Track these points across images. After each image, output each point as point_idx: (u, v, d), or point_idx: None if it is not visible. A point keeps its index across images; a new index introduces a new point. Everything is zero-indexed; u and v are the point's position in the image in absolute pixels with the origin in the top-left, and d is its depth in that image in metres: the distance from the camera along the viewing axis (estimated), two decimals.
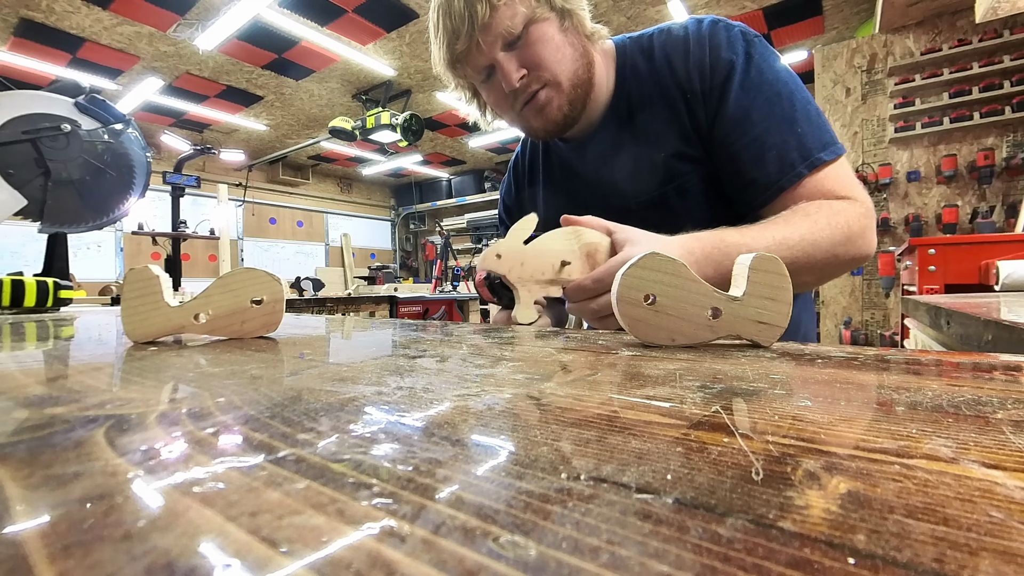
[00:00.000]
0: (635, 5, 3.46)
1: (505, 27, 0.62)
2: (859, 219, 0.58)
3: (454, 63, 0.68)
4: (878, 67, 3.14)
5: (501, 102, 0.70)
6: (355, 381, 0.24)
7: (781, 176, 0.60)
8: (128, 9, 3.36)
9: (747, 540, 0.09)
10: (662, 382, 0.22)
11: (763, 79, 0.62)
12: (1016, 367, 0.25)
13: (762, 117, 0.61)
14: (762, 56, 0.63)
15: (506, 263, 0.54)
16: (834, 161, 0.60)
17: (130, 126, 1.16)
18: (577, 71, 0.67)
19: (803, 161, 0.60)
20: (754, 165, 0.62)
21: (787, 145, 0.60)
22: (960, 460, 0.13)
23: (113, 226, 4.95)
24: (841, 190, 0.60)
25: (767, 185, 0.61)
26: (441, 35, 0.66)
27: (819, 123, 0.62)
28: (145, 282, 0.40)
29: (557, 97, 0.67)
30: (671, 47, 0.68)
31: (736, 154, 0.63)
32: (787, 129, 0.61)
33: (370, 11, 3.50)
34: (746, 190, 0.64)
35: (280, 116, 5.46)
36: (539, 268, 0.54)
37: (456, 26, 0.63)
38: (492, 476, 0.12)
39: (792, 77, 0.63)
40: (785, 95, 0.62)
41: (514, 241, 0.54)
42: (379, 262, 8.43)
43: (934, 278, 1.93)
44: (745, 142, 0.62)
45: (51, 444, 0.15)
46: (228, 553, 0.09)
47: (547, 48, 0.64)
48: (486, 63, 0.66)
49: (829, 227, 0.56)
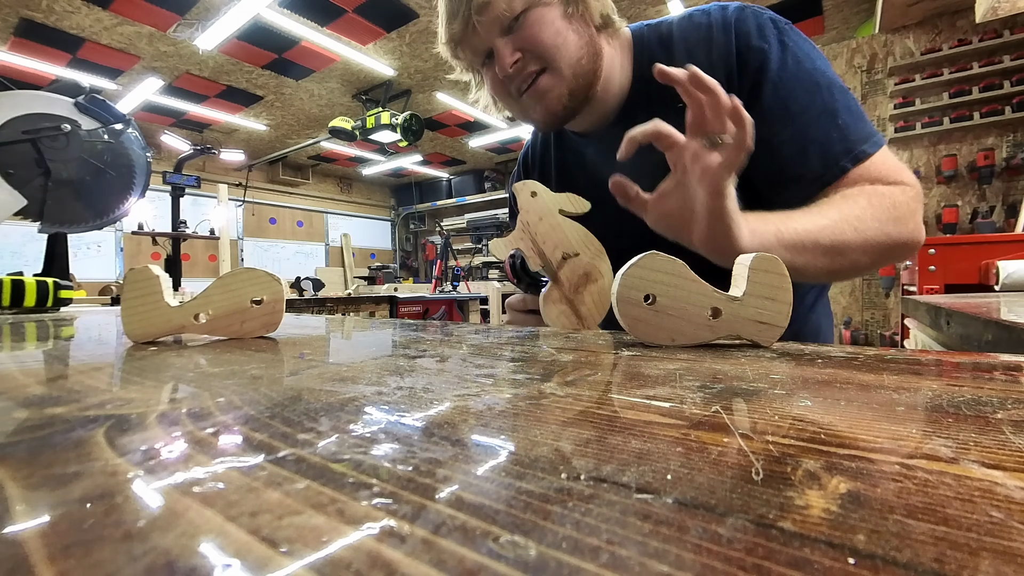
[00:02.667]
0: (635, 5, 3.46)
1: (502, 9, 0.60)
2: (908, 202, 0.56)
3: (453, 44, 0.67)
4: (878, 67, 3.14)
5: (499, 88, 0.68)
6: (355, 381, 0.24)
7: (825, 171, 0.58)
8: (128, 9, 3.36)
9: (747, 540, 0.09)
10: (662, 382, 0.22)
11: (800, 68, 0.59)
12: (1016, 367, 0.25)
13: (802, 110, 0.58)
14: (797, 44, 0.60)
15: (532, 204, 0.54)
16: (877, 153, 0.58)
17: (130, 126, 1.16)
18: (580, 60, 0.64)
19: (847, 155, 0.57)
20: (796, 161, 0.59)
21: (830, 139, 0.57)
22: (960, 460, 0.13)
23: (113, 226, 4.95)
24: (888, 176, 0.57)
25: (811, 181, 0.59)
26: (442, 14, 0.65)
27: (859, 113, 0.59)
28: (145, 282, 0.40)
29: (557, 85, 0.64)
30: (692, 37, 0.64)
31: (775, 149, 0.60)
32: (828, 122, 0.57)
33: (370, 11, 3.50)
34: (787, 187, 0.61)
35: (280, 116, 5.45)
36: (545, 237, 0.53)
37: (454, 6, 0.62)
38: (492, 476, 0.12)
39: (828, 66, 0.60)
40: (824, 85, 0.58)
41: (554, 201, 0.54)
42: (379, 262, 8.42)
43: (934, 278, 1.93)
44: (785, 137, 0.59)
45: (51, 444, 0.15)
46: (228, 553, 0.09)
47: (545, 31, 0.62)
48: (484, 47, 0.64)
49: (874, 207, 0.54)
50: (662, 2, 3.42)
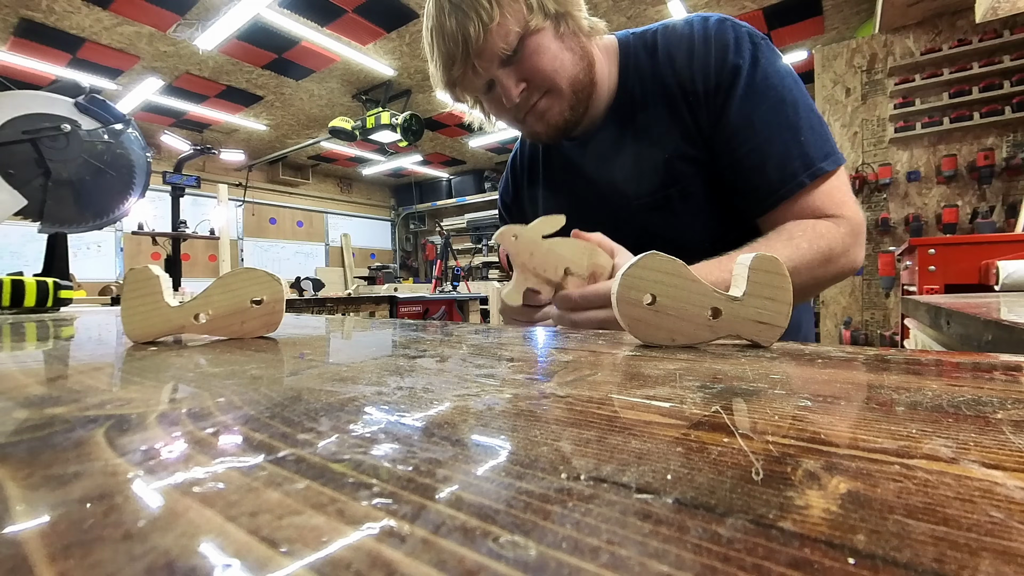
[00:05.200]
0: (635, 5, 3.46)
1: (500, 47, 0.62)
2: (842, 239, 0.59)
3: (452, 86, 0.68)
4: (878, 67, 3.14)
5: (503, 112, 0.70)
6: (355, 381, 0.24)
7: (782, 185, 0.60)
8: (128, 9, 3.36)
9: (747, 540, 0.09)
10: (662, 382, 0.22)
11: (768, 84, 0.62)
12: (1016, 367, 0.25)
13: (765, 124, 0.61)
14: (768, 61, 0.63)
15: (518, 246, 0.55)
16: (834, 172, 0.61)
17: (130, 126, 1.16)
18: (577, 75, 0.66)
19: (805, 170, 0.60)
20: (756, 173, 0.62)
21: (789, 154, 0.60)
22: (960, 460, 0.13)
23: (113, 226, 4.95)
24: (832, 207, 0.61)
25: (768, 193, 0.61)
26: (437, 58, 0.66)
27: (821, 131, 0.61)
28: (145, 282, 0.40)
29: (558, 103, 0.67)
30: (675, 45, 0.67)
31: (738, 161, 0.63)
32: (790, 137, 0.60)
33: (370, 11, 3.50)
34: (747, 197, 0.64)
35: (280, 116, 5.46)
36: (544, 265, 0.55)
37: (451, 50, 0.63)
38: (492, 476, 0.12)
39: (797, 83, 0.63)
40: (789, 102, 0.61)
41: (534, 232, 0.55)
42: (379, 262, 8.43)
43: (934, 278, 1.93)
44: (747, 149, 0.62)
45: (51, 444, 0.15)
46: (228, 553, 0.09)
47: (544, 59, 0.64)
48: (484, 82, 0.66)
49: (810, 252, 0.57)
50: (662, 2, 3.42)
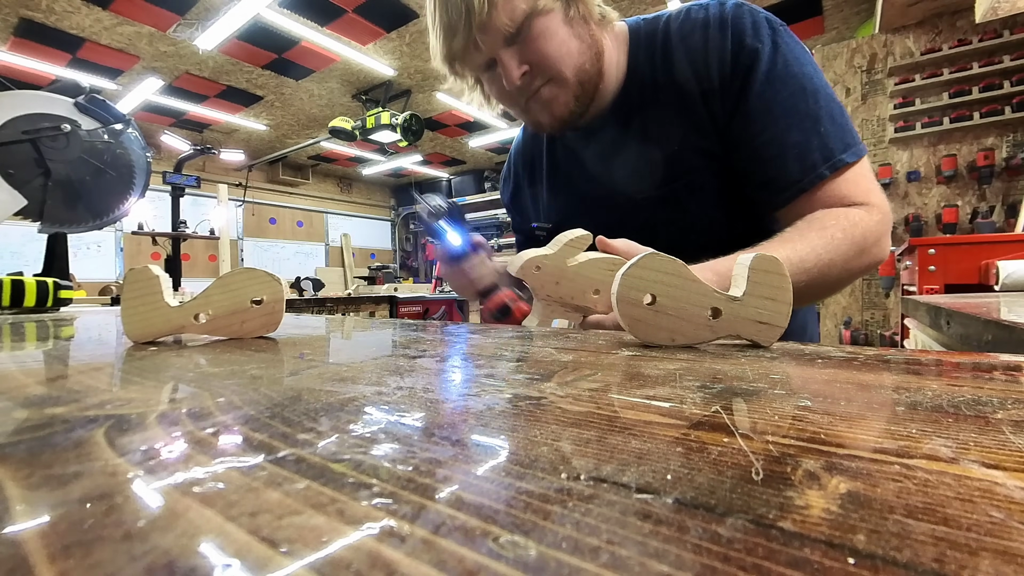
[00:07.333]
0: (635, 5, 3.46)
1: (504, 24, 0.59)
2: (875, 228, 0.56)
3: (452, 60, 0.65)
4: (878, 67, 3.14)
5: (504, 95, 0.67)
6: (355, 381, 0.24)
7: (802, 177, 0.58)
8: (128, 9, 3.36)
9: (747, 540, 0.09)
10: (662, 382, 0.22)
11: (788, 72, 0.59)
12: (1016, 367, 0.25)
13: (784, 112, 0.58)
14: (789, 47, 0.60)
15: (542, 278, 0.50)
16: (856, 163, 0.58)
17: (130, 126, 1.16)
18: (583, 65, 0.63)
19: (825, 162, 0.57)
20: (773, 163, 0.59)
21: (809, 144, 0.58)
22: (960, 460, 0.13)
23: (113, 226, 4.95)
24: (860, 195, 0.58)
25: (787, 185, 0.59)
26: (438, 28, 0.62)
27: (842, 122, 0.59)
28: (145, 282, 0.40)
29: (563, 93, 0.64)
30: (689, 32, 0.64)
31: (755, 150, 0.60)
32: (810, 127, 0.58)
33: (370, 11, 3.50)
34: (764, 189, 0.61)
35: (280, 116, 5.45)
36: (572, 292, 0.50)
37: (453, 20, 0.60)
38: (492, 476, 0.12)
39: (817, 72, 0.60)
40: (810, 91, 0.59)
41: (560, 259, 0.50)
42: (379, 262, 8.42)
43: (934, 278, 1.93)
44: (765, 138, 0.59)
45: (51, 444, 0.15)
46: (228, 553, 0.09)
47: (550, 43, 0.61)
48: (486, 59, 0.63)
49: (845, 242, 0.54)
50: (662, 2, 3.42)
